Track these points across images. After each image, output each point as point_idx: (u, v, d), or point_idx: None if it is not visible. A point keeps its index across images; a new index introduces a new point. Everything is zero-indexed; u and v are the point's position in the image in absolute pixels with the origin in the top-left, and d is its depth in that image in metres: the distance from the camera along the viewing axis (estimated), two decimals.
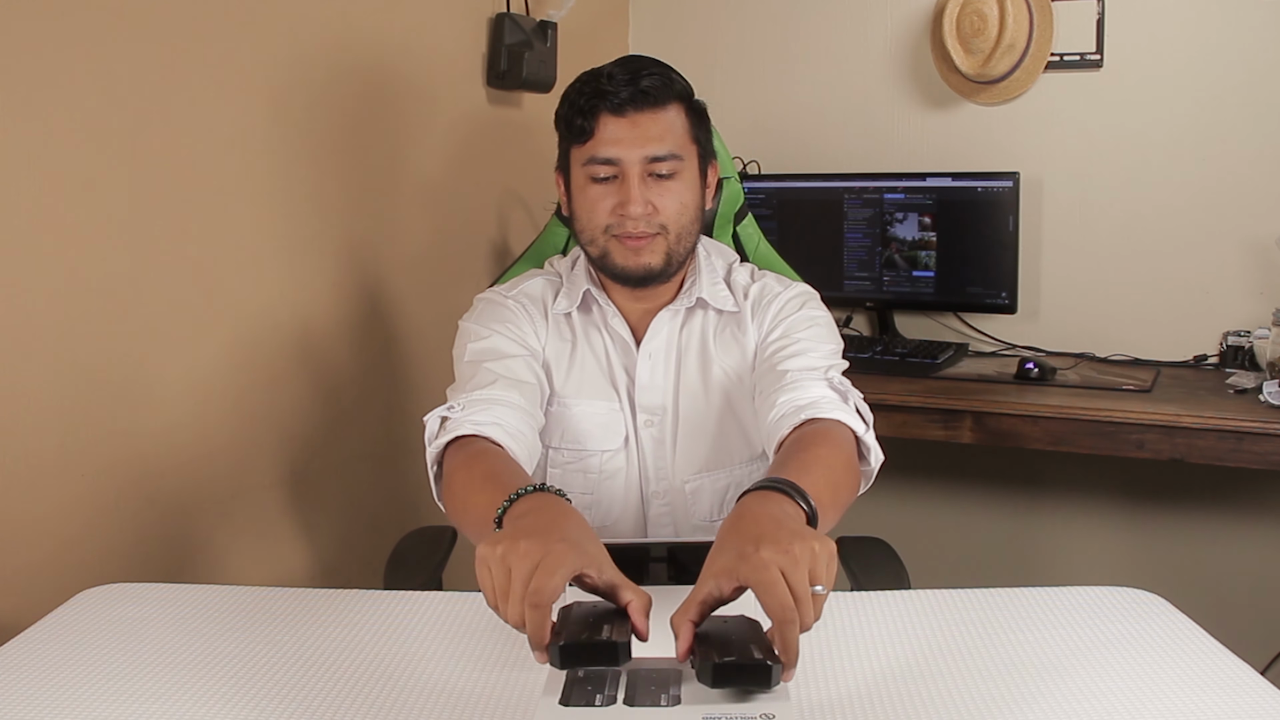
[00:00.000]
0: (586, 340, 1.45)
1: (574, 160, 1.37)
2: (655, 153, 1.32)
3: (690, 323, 1.46)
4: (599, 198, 1.35)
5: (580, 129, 1.33)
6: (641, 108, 1.32)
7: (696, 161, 1.38)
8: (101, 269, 1.56)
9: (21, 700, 1.00)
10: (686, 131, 1.36)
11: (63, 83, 1.49)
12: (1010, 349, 2.55)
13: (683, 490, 1.44)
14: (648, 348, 1.43)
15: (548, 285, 1.48)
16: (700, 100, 1.41)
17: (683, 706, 0.82)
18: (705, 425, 1.43)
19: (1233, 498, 2.46)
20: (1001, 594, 1.22)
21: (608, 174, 1.34)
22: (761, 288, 1.46)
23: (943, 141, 2.61)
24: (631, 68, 1.34)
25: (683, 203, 1.35)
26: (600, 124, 1.32)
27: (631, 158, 1.32)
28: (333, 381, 1.99)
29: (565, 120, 1.36)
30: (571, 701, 0.83)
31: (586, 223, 1.37)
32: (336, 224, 1.97)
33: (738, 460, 1.45)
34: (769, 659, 0.82)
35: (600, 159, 1.33)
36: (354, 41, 1.98)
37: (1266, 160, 2.34)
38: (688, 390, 1.44)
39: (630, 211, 1.32)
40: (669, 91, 1.34)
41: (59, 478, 1.52)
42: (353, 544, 2.06)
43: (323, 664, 1.07)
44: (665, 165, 1.33)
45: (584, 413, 1.43)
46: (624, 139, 1.32)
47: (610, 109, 1.32)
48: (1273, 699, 0.98)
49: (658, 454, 1.44)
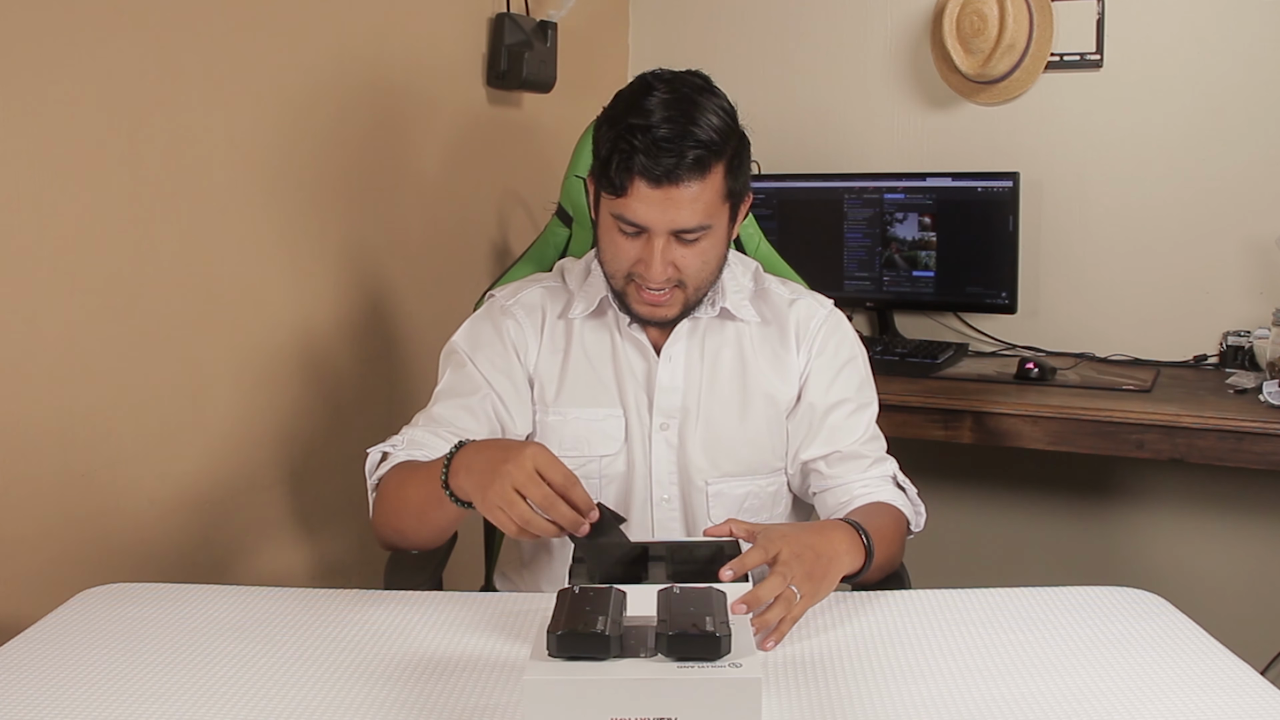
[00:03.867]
0: (587, 345, 1.46)
1: (603, 206, 1.35)
2: (684, 226, 1.30)
3: (723, 332, 1.47)
4: (624, 247, 1.33)
5: (612, 183, 1.29)
6: (678, 182, 1.27)
7: (728, 216, 1.36)
8: (102, 269, 1.56)
9: (21, 700, 1.00)
10: (720, 194, 1.31)
11: (62, 85, 1.49)
12: (1010, 349, 2.55)
13: (703, 493, 1.45)
14: (669, 351, 1.44)
15: (548, 295, 1.49)
16: (743, 136, 1.35)
17: (660, 657, 0.90)
18: (734, 432, 1.45)
19: (1233, 498, 2.46)
20: (1001, 594, 1.22)
21: (634, 232, 1.32)
22: (807, 310, 1.49)
23: (943, 141, 2.61)
24: (678, 126, 1.26)
25: (704, 260, 1.35)
26: (633, 188, 1.28)
27: (659, 227, 1.30)
28: (333, 381, 1.99)
29: (600, 160, 1.32)
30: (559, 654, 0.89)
31: (609, 262, 1.37)
32: (336, 224, 1.97)
33: (762, 470, 1.46)
34: (719, 631, 0.89)
35: (628, 220, 1.30)
36: (354, 42, 1.98)
37: (1266, 160, 2.34)
38: (719, 396, 1.45)
39: (650, 275, 1.32)
40: (710, 160, 1.28)
41: (59, 478, 1.52)
42: (353, 544, 2.06)
43: (323, 664, 1.07)
44: (692, 235, 1.32)
45: (582, 418, 1.44)
46: (655, 208, 1.28)
47: (647, 177, 1.26)
48: (1273, 699, 0.98)
49: (671, 456, 1.45)
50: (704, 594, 0.95)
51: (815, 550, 1.15)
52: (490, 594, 1.26)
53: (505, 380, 1.44)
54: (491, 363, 1.44)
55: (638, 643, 0.91)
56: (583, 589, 0.96)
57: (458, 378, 1.44)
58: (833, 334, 1.49)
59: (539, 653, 0.91)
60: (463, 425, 1.39)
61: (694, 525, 1.45)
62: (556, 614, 0.92)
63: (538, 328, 1.46)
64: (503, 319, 1.47)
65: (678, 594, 0.95)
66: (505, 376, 1.44)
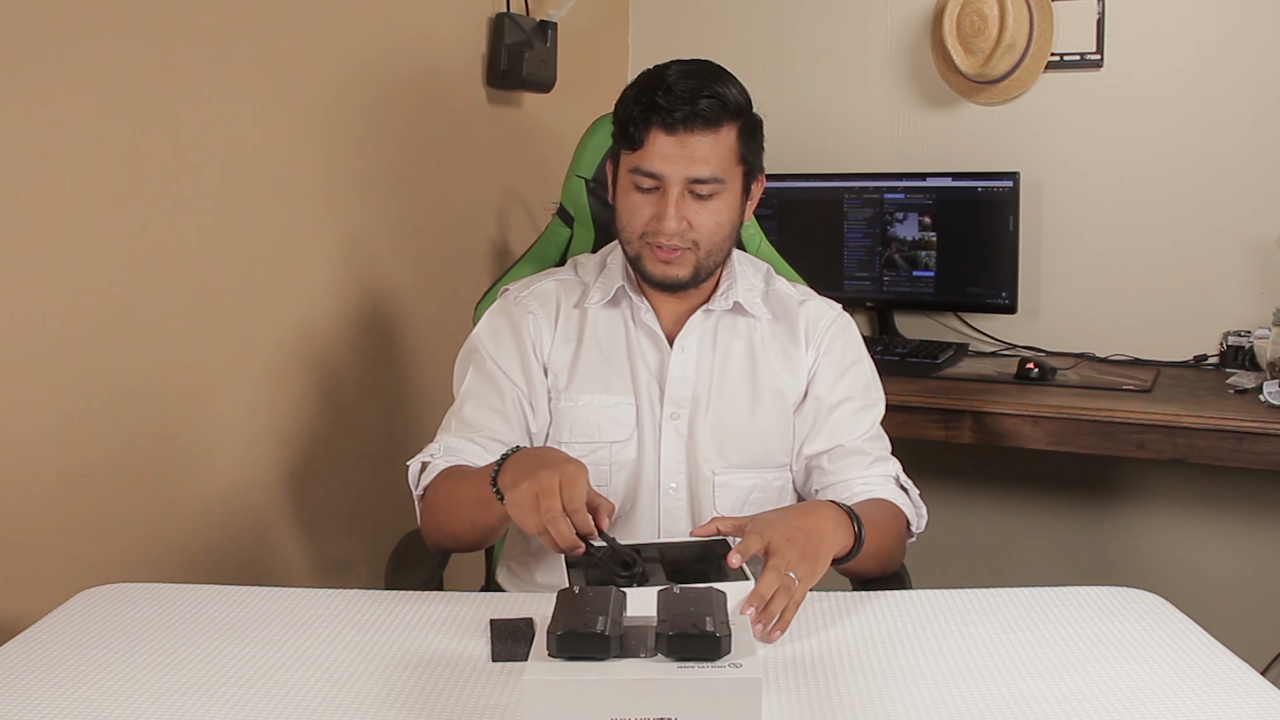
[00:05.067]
0: (600, 334, 1.48)
1: (623, 162, 1.41)
2: (698, 174, 1.36)
3: (734, 326, 1.50)
4: (640, 205, 1.39)
5: (631, 137, 1.37)
6: (693, 129, 1.34)
7: (740, 181, 1.42)
8: (102, 269, 1.56)
9: (21, 700, 1.00)
10: (734, 153, 1.39)
11: (63, 84, 1.49)
12: (1010, 349, 2.55)
13: (710, 482, 1.46)
14: (682, 342, 1.47)
15: (561, 286, 1.52)
16: (756, 115, 1.43)
17: (659, 657, 0.90)
18: (742, 424, 1.47)
19: (1233, 498, 2.46)
20: (1001, 594, 1.22)
21: (650, 185, 1.37)
22: (816, 310, 1.53)
23: (943, 141, 2.61)
24: (693, 81, 1.35)
25: (718, 222, 1.39)
26: (650, 138, 1.35)
27: (674, 176, 1.36)
28: (333, 381, 1.99)
29: (620, 122, 1.40)
30: (559, 654, 0.90)
31: (625, 224, 1.42)
32: (336, 223, 1.98)
33: (769, 464, 1.48)
34: (719, 631, 0.89)
35: (645, 171, 1.36)
36: (354, 41, 1.98)
37: (1266, 160, 2.34)
38: (730, 388, 1.47)
39: (665, 228, 1.36)
40: (724, 113, 1.36)
41: (59, 478, 1.52)
42: (353, 544, 2.06)
43: (323, 664, 1.07)
44: (706, 187, 1.37)
45: (591, 405, 1.46)
46: (670, 156, 1.35)
47: (662, 125, 1.34)
48: (1273, 699, 0.98)
49: (680, 446, 1.46)
50: (704, 594, 0.96)
51: (804, 531, 1.19)
52: (490, 594, 1.26)
53: (524, 375, 1.47)
54: (512, 359, 1.47)
55: (638, 643, 0.92)
56: (583, 589, 0.96)
57: (482, 379, 1.47)
58: (841, 334, 1.52)
59: (539, 653, 0.91)
60: (495, 428, 1.44)
61: (700, 515, 1.46)
62: (556, 614, 0.92)
63: (552, 318, 1.49)
64: (518, 311, 1.49)
65: (678, 594, 0.95)
66: (524, 371, 1.47)
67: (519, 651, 1.06)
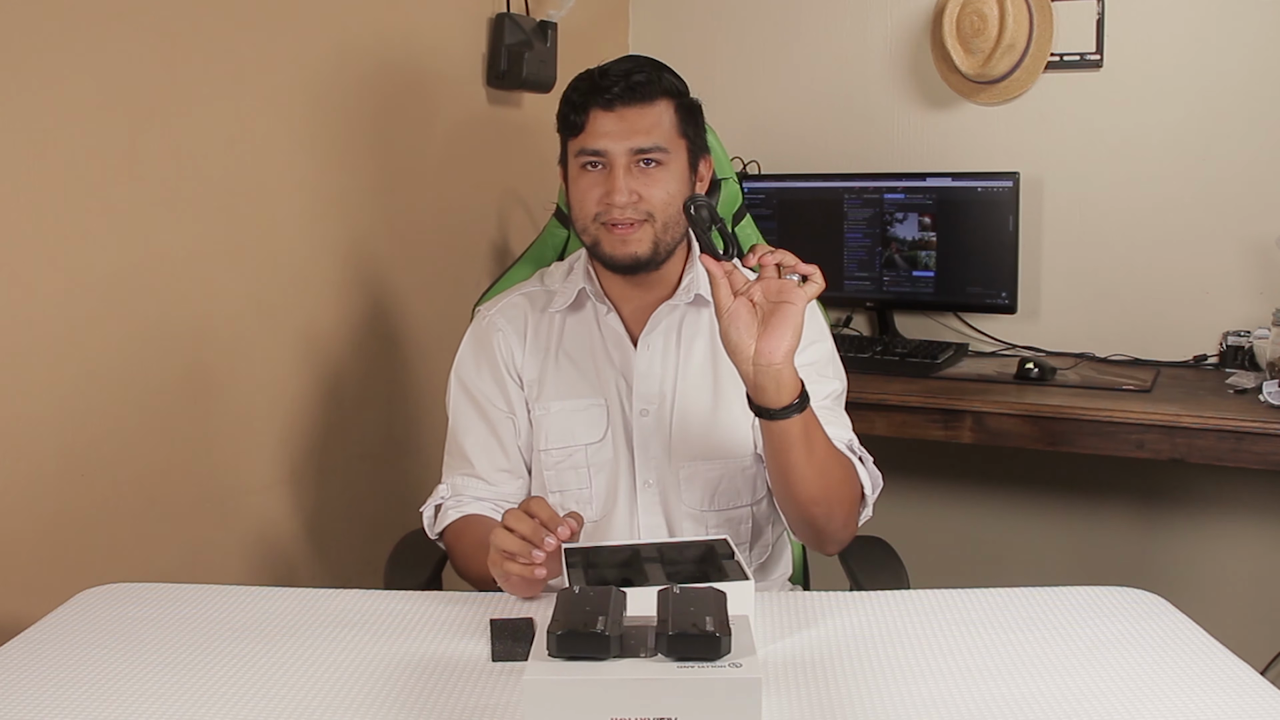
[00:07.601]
0: (567, 340, 1.50)
1: (569, 152, 1.44)
2: (641, 145, 1.39)
3: (697, 320, 1.49)
4: (589, 187, 1.41)
5: (573, 123, 1.41)
6: (630, 103, 1.38)
7: (686, 155, 1.44)
8: (102, 269, 1.56)
9: (21, 700, 1.00)
10: (674, 126, 1.42)
11: (63, 85, 1.49)
12: (1010, 349, 2.55)
13: (676, 476, 1.46)
14: (647, 339, 1.48)
15: (527, 300, 1.55)
16: (694, 99, 1.46)
17: (659, 657, 0.90)
18: (705, 417, 1.47)
19: (1233, 498, 2.46)
20: (1001, 594, 1.22)
21: (597, 163, 1.40)
22: None
23: (943, 141, 2.61)
24: (625, 65, 1.41)
25: (669, 192, 1.40)
26: (591, 118, 1.39)
27: (618, 149, 1.38)
28: (333, 381, 1.99)
29: (561, 115, 1.44)
30: (559, 654, 0.90)
31: (579, 211, 1.44)
32: (336, 224, 1.98)
33: (733, 454, 1.47)
34: (719, 631, 0.89)
35: (589, 150, 1.40)
36: (354, 41, 1.98)
37: (1266, 160, 2.34)
38: (692, 382, 1.48)
39: (615, 200, 1.38)
40: (657, 87, 1.40)
41: (59, 478, 1.52)
42: (353, 544, 2.06)
43: (323, 664, 1.07)
44: (651, 155, 1.39)
45: (564, 410, 1.48)
46: (611, 132, 1.38)
47: (600, 104, 1.39)
48: (1273, 699, 0.98)
49: (650, 441, 1.47)
50: (704, 594, 0.96)
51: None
52: (490, 594, 1.26)
53: (503, 396, 1.51)
54: (489, 383, 1.51)
55: (638, 643, 0.92)
56: (583, 589, 0.96)
57: (469, 409, 1.52)
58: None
59: (539, 653, 0.91)
60: (492, 458, 1.49)
61: (670, 509, 1.46)
62: (556, 614, 0.92)
63: (520, 331, 1.52)
64: (487, 331, 1.53)
65: (678, 594, 0.95)
66: (502, 392, 1.51)
67: (519, 651, 1.06)
